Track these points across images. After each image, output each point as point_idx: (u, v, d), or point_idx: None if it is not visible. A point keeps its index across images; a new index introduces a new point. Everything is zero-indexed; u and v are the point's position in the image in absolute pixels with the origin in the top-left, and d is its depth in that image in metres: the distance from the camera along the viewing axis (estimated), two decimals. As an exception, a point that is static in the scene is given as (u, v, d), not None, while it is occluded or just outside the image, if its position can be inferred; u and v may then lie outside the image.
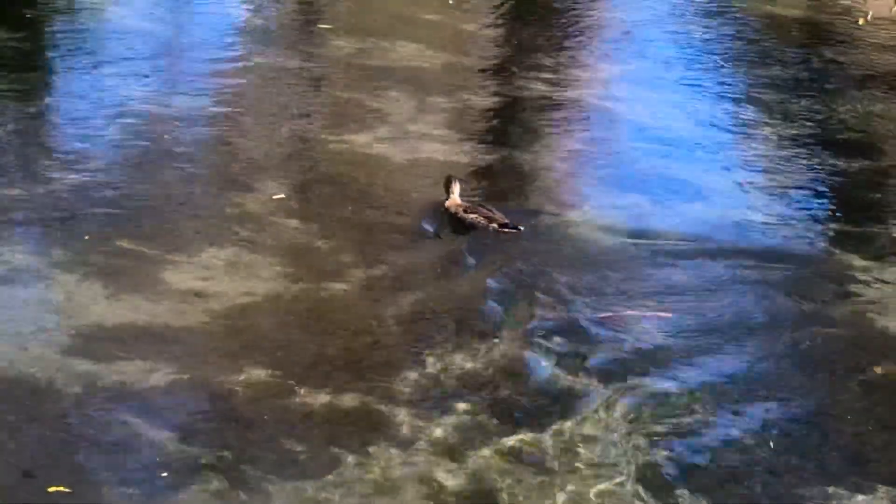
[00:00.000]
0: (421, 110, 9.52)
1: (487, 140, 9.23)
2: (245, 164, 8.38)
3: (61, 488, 4.98)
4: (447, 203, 7.83)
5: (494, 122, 9.67)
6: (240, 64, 10.43)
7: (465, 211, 7.73)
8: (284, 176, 8.23)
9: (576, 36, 11.97)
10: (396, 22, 11.76)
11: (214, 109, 9.34)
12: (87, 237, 7.19)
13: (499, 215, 7.65)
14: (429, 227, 7.69)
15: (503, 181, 8.57)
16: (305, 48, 10.99)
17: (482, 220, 7.64)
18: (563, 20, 12.43)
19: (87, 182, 7.90)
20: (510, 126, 9.68)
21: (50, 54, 10.55)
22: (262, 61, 10.49)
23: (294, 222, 7.58)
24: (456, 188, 7.84)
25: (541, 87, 10.28)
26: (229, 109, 9.34)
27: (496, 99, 10.09)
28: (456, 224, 7.73)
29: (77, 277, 6.72)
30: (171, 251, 7.06)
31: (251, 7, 12.18)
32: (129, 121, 8.95)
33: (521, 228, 7.61)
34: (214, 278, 6.82)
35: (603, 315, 6.73)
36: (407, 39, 11.13)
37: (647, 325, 6.62)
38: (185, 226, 7.41)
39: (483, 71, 10.83)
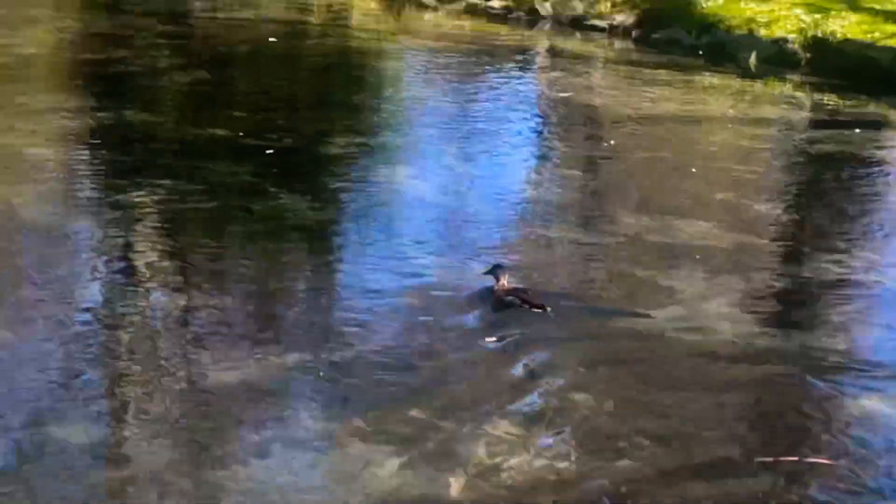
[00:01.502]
0: (712, 290, 9.45)
1: (781, 323, 9.05)
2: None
3: None
4: (496, 288, 8.91)
5: (787, 304, 9.51)
6: (530, 236, 10.70)
7: (506, 293, 8.85)
8: (573, 353, 8.29)
9: (872, 218, 11.77)
10: (689, 201, 11.78)
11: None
12: (378, 406, 7.32)
13: (532, 296, 8.78)
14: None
15: (794, 366, 8.41)
16: (595, 223, 11.14)
17: (517, 300, 8.78)
18: (859, 202, 12.27)
19: (376, 349, 8.06)
20: (803, 309, 9.54)
21: (345, 223, 10.93)
22: (553, 235, 10.68)
23: (582, 396, 7.59)
24: (504, 277, 8.91)
25: (834, 269, 10.12)
26: (513, 278, 9.49)
27: (788, 280, 9.98)
28: (498, 303, 8.81)
29: (369, 446, 6.80)
30: (464, 423, 7.14)
31: (538, 182, 12.53)
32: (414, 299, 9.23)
33: (549, 309, 8.66)
34: (508, 452, 6.86)
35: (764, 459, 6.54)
36: (699, 218, 11.11)
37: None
38: (473, 397, 7.55)
39: (776, 252, 10.74)
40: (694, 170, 13.07)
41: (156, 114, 14.05)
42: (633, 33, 20.64)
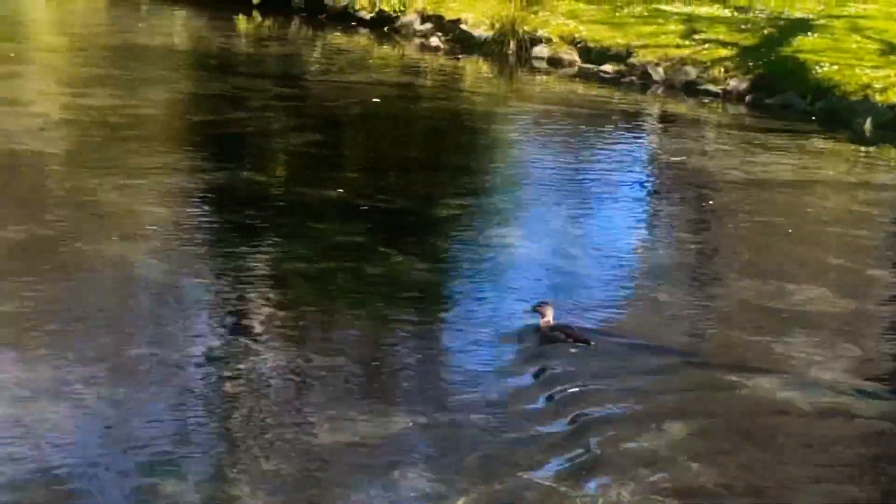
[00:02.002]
0: (826, 357, 9.32)
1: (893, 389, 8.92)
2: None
3: None
4: (541, 323, 9.27)
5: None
6: (639, 297, 10.63)
7: (550, 329, 9.24)
8: (686, 417, 8.21)
9: None
10: (800, 265, 11.66)
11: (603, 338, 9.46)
12: (487, 467, 7.28)
13: (577, 332, 9.21)
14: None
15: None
16: (705, 286, 11.04)
17: (561, 335, 9.18)
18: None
19: (485, 409, 8.05)
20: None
21: (455, 283, 10.95)
22: (663, 296, 10.59)
23: (696, 466, 7.52)
24: (549, 312, 9.29)
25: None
26: (623, 339, 9.48)
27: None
28: (545, 339, 9.23)
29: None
30: (580, 489, 7.13)
31: (648, 244, 12.47)
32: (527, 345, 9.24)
33: (593, 343, 9.12)
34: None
35: None
36: (810, 283, 10.97)
37: None
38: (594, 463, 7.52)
39: (890, 318, 10.56)
40: (806, 234, 12.93)
41: (269, 174, 14.24)
42: (747, 98, 20.52)
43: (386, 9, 26.58)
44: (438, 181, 14.68)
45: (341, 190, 13.41)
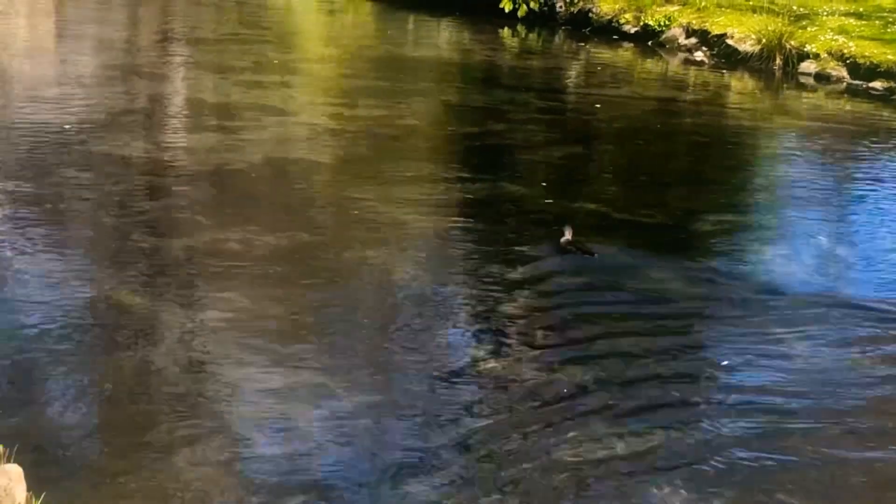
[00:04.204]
0: None
1: None
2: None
3: None
4: (562, 241, 11.52)
5: None
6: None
7: (566, 244, 11.48)
8: None
9: None
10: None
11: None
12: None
13: (584, 246, 11.45)
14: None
15: None
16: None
17: (573, 248, 11.43)
18: None
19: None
20: None
21: (717, 302, 10.67)
22: None
23: None
24: (568, 232, 11.56)
25: None
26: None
27: None
28: (562, 250, 11.43)
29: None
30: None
31: None
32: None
33: (595, 255, 11.35)
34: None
35: None
36: None
37: None
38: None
39: None
40: None
41: (529, 186, 14.29)
42: None
43: (651, 23, 26.39)
44: (697, 197, 14.48)
45: (600, 203, 13.38)
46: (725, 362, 9.20)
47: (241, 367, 8.61)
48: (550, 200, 13.50)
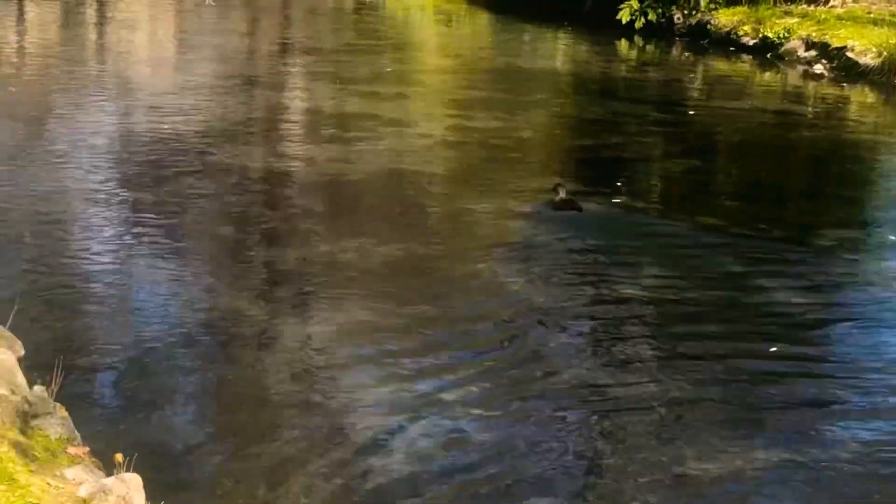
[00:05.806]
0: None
1: None
2: None
3: None
4: (555, 199, 12.94)
5: None
6: None
7: (561, 202, 12.91)
8: None
9: None
10: None
11: None
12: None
13: (574, 203, 12.95)
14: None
15: None
16: None
17: (563, 206, 12.82)
18: None
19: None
20: None
21: (839, 324, 10.34)
22: None
23: None
24: (562, 191, 12.99)
25: None
26: None
27: None
28: (557, 208, 12.90)
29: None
30: None
31: None
32: None
33: (582, 210, 12.81)
34: None
35: None
36: None
37: None
38: None
39: None
40: None
41: (645, 200, 14.20)
42: None
43: (770, 35, 26.08)
44: (816, 211, 14.27)
45: (718, 217, 13.24)
46: (827, 383, 9.02)
47: (358, 379, 8.64)
48: (662, 215, 13.38)
